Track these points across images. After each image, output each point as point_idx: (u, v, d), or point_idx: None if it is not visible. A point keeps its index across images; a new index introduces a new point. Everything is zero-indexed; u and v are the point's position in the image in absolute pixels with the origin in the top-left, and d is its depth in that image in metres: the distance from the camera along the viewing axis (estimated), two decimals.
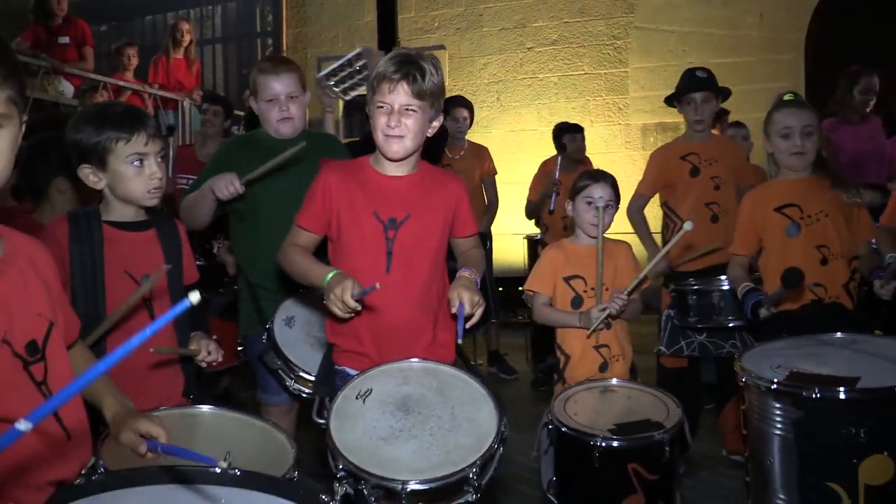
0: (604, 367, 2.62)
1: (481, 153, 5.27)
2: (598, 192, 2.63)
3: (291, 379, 2.56)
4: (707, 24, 7.54)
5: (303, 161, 2.68)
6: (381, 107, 2.01)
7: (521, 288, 6.42)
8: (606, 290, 2.62)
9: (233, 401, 3.86)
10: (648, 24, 7.73)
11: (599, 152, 7.76)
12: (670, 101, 3.72)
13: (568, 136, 5.38)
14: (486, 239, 5.18)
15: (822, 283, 2.65)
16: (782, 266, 2.54)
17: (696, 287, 3.16)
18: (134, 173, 1.91)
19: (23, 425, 0.84)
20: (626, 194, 3.01)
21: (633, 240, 3.19)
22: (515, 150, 7.90)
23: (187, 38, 6.22)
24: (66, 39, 5.42)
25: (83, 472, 1.32)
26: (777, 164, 2.81)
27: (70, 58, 5.46)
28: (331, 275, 1.94)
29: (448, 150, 5.16)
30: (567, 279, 2.67)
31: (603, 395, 2.56)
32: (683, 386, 3.31)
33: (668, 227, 3.64)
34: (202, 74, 6.99)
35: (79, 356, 1.51)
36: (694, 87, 3.55)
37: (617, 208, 2.72)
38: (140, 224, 2.00)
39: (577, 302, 2.65)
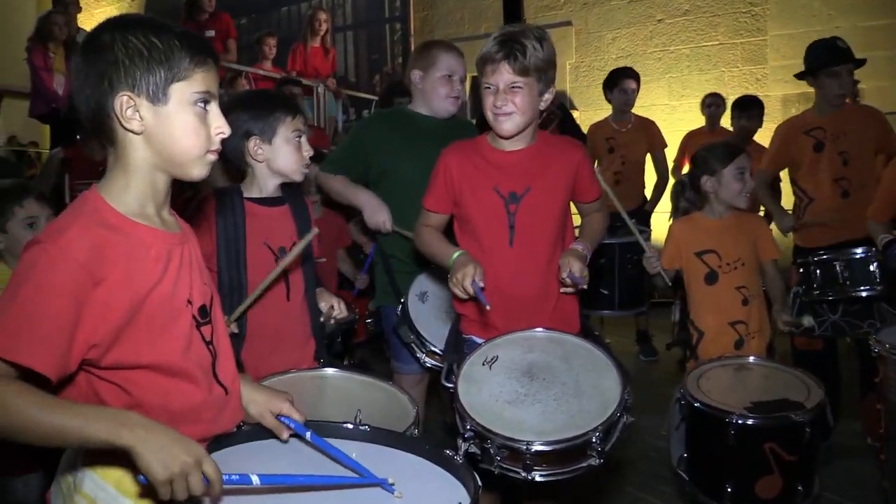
0: (739, 344, 2.55)
1: (649, 127, 5.20)
2: (744, 161, 2.57)
3: (423, 352, 2.66)
4: None
5: (441, 141, 2.78)
6: (488, 87, 2.05)
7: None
8: (742, 264, 2.54)
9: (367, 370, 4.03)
10: None
11: None
12: (804, 75, 3.50)
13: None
14: (645, 215, 5.11)
15: None
16: None
17: (820, 257, 2.99)
18: (294, 148, 2.09)
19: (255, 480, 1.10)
20: None
21: None
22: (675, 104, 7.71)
23: (324, 27, 6.46)
24: (212, 33, 5.78)
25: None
26: None
27: (215, 50, 5.80)
28: (456, 255, 2.03)
29: (614, 122, 5.13)
30: (699, 254, 2.60)
31: (738, 372, 2.49)
32: (819, 369, 3.15)
33: (798, 204, 3.46)
34: (336, 59, 7.23)
35: None
36: (837, 59, 3.33)
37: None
38: (276, 200, 2.16)
39: (711, 277, 2.58)
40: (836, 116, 3.39)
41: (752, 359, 2.51)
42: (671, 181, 5.37)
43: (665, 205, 5.49)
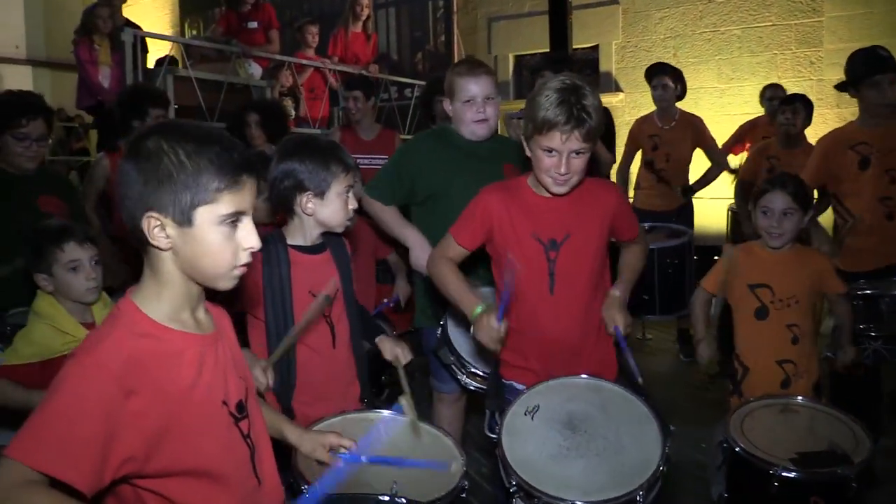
0: (786, 384, 2.49)
1: (695, 123, 5.05)
2: (776, 201, 2.47)
3: (463, 374, 2.66)
4: None
5: (488, 162, 2.75)
6: (550, 151, 1.99)
7: (716, 258, 6.17)
8: (796, 302, 2.47)
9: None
10: None
11: None
12: (845, 87, 3.34)
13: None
14: (689, 213, 5.03)
15: None
16: None
17: (864, 291, 2.89)
18: (343, 204, 2.08)
19: None
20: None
21: None
22: (693, 108, 7.37)
23: (366, 12, 6.38)
24: (254, 24, 5.75)
25: None
26: None
27: (258, 41, 5.80)
28: (479, 310, 2.03)
29: (657, 119, 5.03)
30: (752, 287, 2.53)
31: (783, 413, 2.43)
32: (860, 394, 3.07)
33: (839, 225, 3.34)
34: (378, 44, 7.16)
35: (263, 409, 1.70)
36: (877, 69, 3.17)
37: (805, 213, 2.54)
38: (318, 247, 2.15)
39: (761, 313, 2.52)
40: (885, 131, 3.23)
41: (799, 399, 2.44)
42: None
43: (716, 190, 5.36)
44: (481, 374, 2.58)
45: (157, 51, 6.12)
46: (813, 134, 6.95)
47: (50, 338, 2.17)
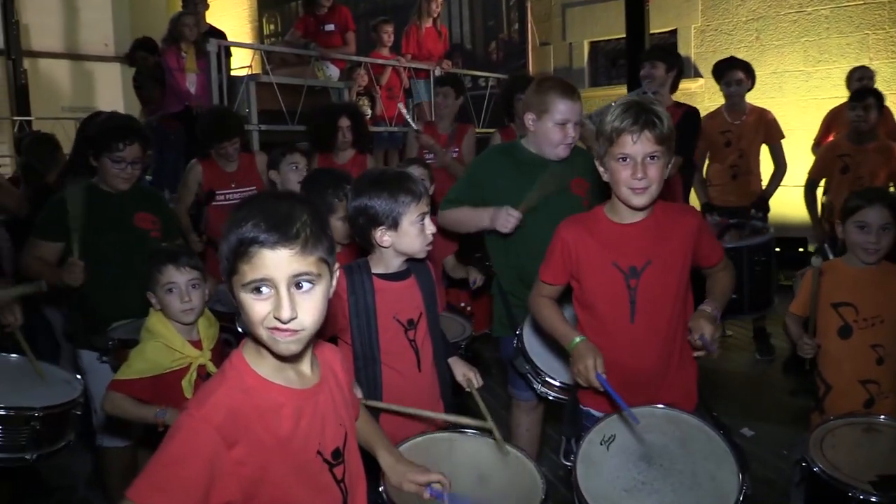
0: (869, 404, 2.45)
1: (765, 117, 4.98)
2: (873, 216, 2.41)
3: (538, 383, 2.71)
4: None
5: (563, 182, 2.79)
6: (624, 159, 2.01)
7: (801, 249, 5.94)
8: (881, 321, 2.42)
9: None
10: None
11: None
12: None
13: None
14: (764, 210, 4.94)
15: None
16: None
17: None
18: (418, 231, 2.13)
19: None
20: None
21: None
22: (776, 93, 7.25)
23: (435, 7, 6.43)
24: (331, 27, 5.89)
25: None
26: None
27: (335, 43, 5.93)
28: (577, 341, 2.07)
29: (727, 114, 4.95)
30: (835, 305, 2.49)
31: (867, 433, 2.39)
32: None
33: None
34: (450, 39, 7.21)
35: (363, 424, 1.78)
36: None
37: None
38: (402, 273, 2.22)
39: (844, 331, 2.47)
40: None
41: (882, 418, 2.39)
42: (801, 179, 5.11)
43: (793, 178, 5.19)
44: (558, 384, 2.63)
45: (239, 55, 6.33)
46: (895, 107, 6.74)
47: (161, 355, 2.34)
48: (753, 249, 4.22)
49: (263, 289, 1.25)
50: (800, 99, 7.18)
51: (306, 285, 1.27)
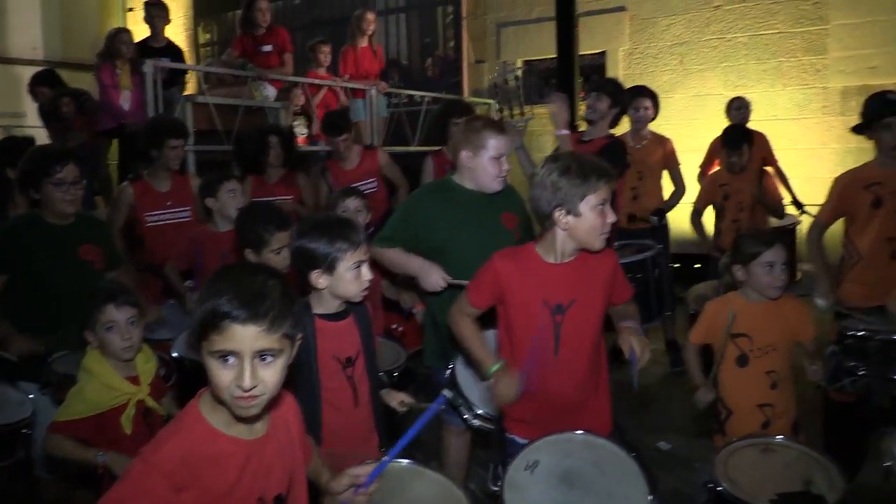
0: (766, 426, 2.67)
1: (664, 143, 5.27)
2: (777, 255, 2.64)
3: (470, 415, 2.86)
4: None
5: (488, 213, 2.94)
6: (602, 205, 2.19)
7: (697, 266, 6.23)
8: (774, 349, 2.65)
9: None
10: None
11: (792, 118, 7.33)
12: (860, 129, 3.48)
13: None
14: (660, 215, 5.21)
15: None
16: None
17: (856, 332, 3.03)
18: (353, 277, 2.24)
19: None
20: (821, 166, 2.68)
21: None
22: (699, 115, 7.60)
23: (371, 27, 6.54)
24: (268, 47, 5.94)
25: None
26: None
27: (272, 64, 5.98)
28: (496, 367, 2.26)
29: (630, 138, 5.20)
30: (733, 336, 2.71)
31: (764, 453, 2.60)
32: (853, 420, 3.23)
33: (846, 260, 3.47)
34: (386, 54, 7.31)
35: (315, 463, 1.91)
36: (890, 111, 3.30)
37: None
38: (342, 314, 2.33)
39: (742, 360, 2.70)
40: None
41: (778, 438, 2.62)
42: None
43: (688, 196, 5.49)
44: (487, 415, 2.78)
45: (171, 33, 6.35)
46: (819, 142, 7.16)
47: (99, 394, 2.38)
48: (628, 267, 4.42)
49: (230, 359, 1.38)
50: (720, 121, 7.52)
51: (269, 358, 1.41)
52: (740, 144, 4.94)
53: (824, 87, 7.25)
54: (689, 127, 7.26)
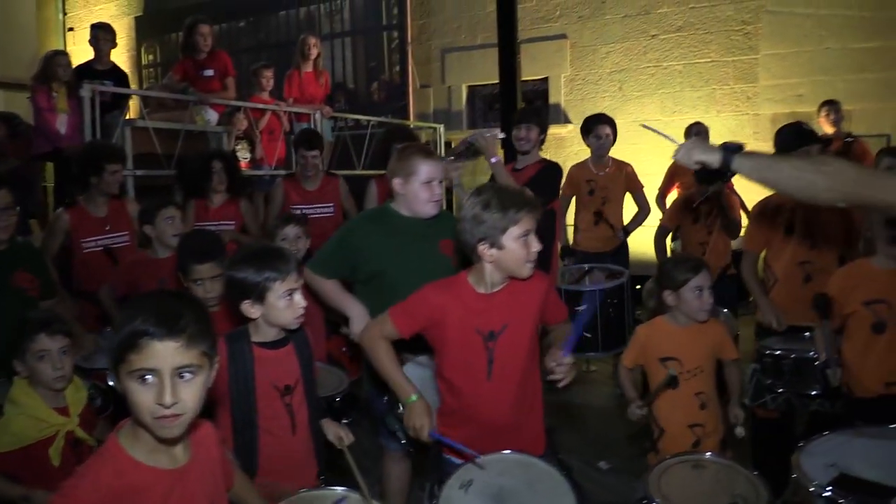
0: (696, 444, 2.75)
1: (625, 169, 5.41)
2: (702, 280, 2.74)
3: (407, 441, 2.87)
4: (848, 5, 7.08)
5: (426, 240, 2.97)
6: (525, 235, 2.23)
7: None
8: (702, 371, 2.75)
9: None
10: (781, 8, 7.35)
11: None
12: None
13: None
14: (624, 254, 5.34)
15: None
16: (865, 360, 2.60)
17: (773, 351, 3.16)
18: (285, 305, 2.25)
19: None
20: (753, 189, 2.77)
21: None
22: (638, 140, 7.71)
23: (314, 51, 6.57)
24: (210, 72, 5.90)
25: None
26: (873, 246, 2.80)
27: (214, 88, 5.95)
28: (413, 399, 2.31)
29: (592, 165, 5.33)
30: (662, 360, 2.80)
31: (695, 469, 2.69)
32: (777, 437, 3.35)
33: (765, 282, 3.62)
34: (332, 78, 7.35)
35: (239, 489, 1.90)
36: (803, 141, 3.46)
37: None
38: (281, 342, 2.34)
39: (672, 383, 2.78)
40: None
41: (708, 455, 2.71)
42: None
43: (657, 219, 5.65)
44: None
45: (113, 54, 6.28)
46: None
47: (27, 427, 2.34)
48: (605, 292, 4.58)
49: (149, 377, 1.39)
50: (658, 147, 7.67)
51: (188, 375, 1.42)
52: (714, 181, 5.01)
53: (755, 113, 7.54)
54: (629, 151, 7.37)
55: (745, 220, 5.88)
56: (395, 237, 2.99)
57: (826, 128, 6.22)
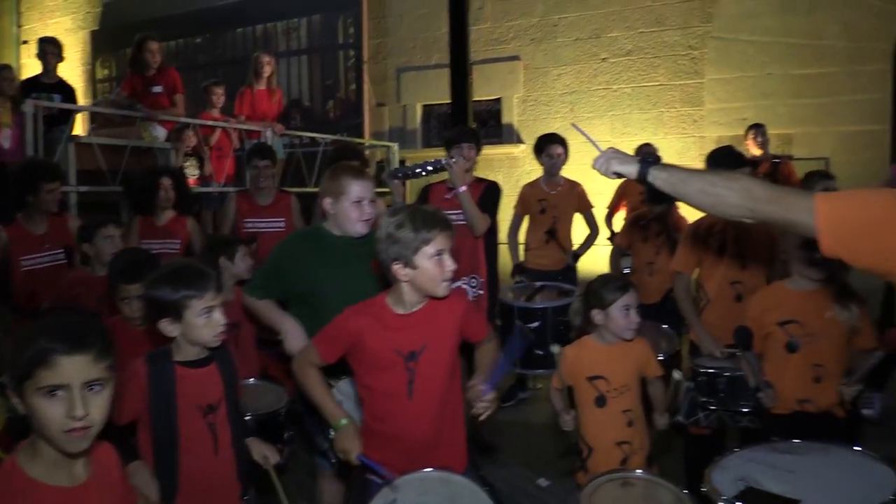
0: (624, 462, 2.81)
1: (576, 188, 5.47)
2: (630, 299, 2.81)
3: (337, 459, 2.88)
4: (789, 33, 7.34)
5: (358, 260, 3.00)
6: (439, 254, 2.25)
7: None
8: (628, 389, 2.81)
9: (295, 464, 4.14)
10: (726, 34, 7.58)
11: None
12: None
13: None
14: (573, 272, 5.41)
15: (811, 400, 2.80)
16: (780, 379, 2.71)
17: (706, 370, 3.23)
18: (204, 323, 2.25)
19: None
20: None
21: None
22: (588, 160, 7.88)
23: (268, 69, 6.59)
24: (159, 88, 5.89)
25: None
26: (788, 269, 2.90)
27: (163, 105, 5.93)
28: (342, 423, 2.33)
29: (544, 184, 5.40)
30: (590, 379, 2.85)
31: (623, 487, 2.75)
32: (709, 453, 3.42)
33: (698, 301, 3.70)
34: (288, 95, 7.36)
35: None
36: (735, 164, 3.56)
37: None
38: (204, 360, 2.34)
39: (600, 401, 2.84)
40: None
41: (637, 472, 2.76)
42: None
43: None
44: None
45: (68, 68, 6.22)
46: None
47: None
48: (556, 310, 4.64)
49: (58, 392, 1.41)
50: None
51: (97, 388, 1.46)
52: (662, 200, 5.13)
53: (701, 136, 7.74)
54: (580, 171, 7.50)
55: None
56: (326, 257, 3.01)
57: (753, 150, 6.40)
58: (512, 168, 8.18)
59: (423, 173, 4.11)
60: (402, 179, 4.38)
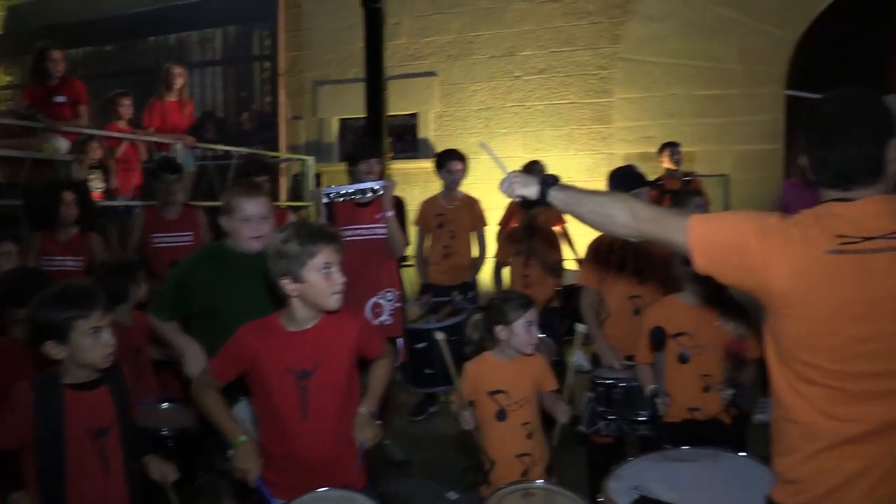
0: (525, 474, 2.89)
1: (473, 205, 5.54)
2: (532, 315, 2.89)
3: (235, 483, 2.86)
4: (691, 56, 7.69)
5: (259, 275, 2.98)
6: (328, 267, 2.29)
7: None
8: (527, 402, 2.90)
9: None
10: (633, 56, 7.88)
11: (582, 181, 7.96)
12: None
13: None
14: (472, 289, 5.46)
15: (700, 408, 2.97)
16: (673, 389, 2.87)
17: (604, 380, 3.36)
18: (92, 344, 2.21)
19: None
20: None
21: None
22: (499, 176, 8.08)
23: (179, 81, 6.47)
24: (62, 98, 5.69)
25: None
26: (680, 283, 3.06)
27: (65, 116, 5.74)
28: (241, 440, 2.33)
29: (443, 199, 5.45)
30: (491, 393, 2.92)
31: (525, 497, 2.82)
32: (610, 461, 3.54)
33: (600, 314, 3.83)
34: (202, 107, 7.22)
35: None
36: (635, 183, 3.72)
37: None
38: (95, 382, 2.29)
39: (501, 415, 2.91)
40: None
41: (537, 483, 2.84)
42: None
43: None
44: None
45: None
46: None
47: None
48: (444, 329, 4.67)
49: None
50: None
51: None
52: (532, 206, 5.28)
53: (610, 153, 8.01)
54: (493, 186, 7.68)
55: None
56: (225, 272, 3.00)
57: (667, 165, 6.69)
58: (428, 182, 8.19)
59: (362, 196, 4.12)
60: (334, 201, 4.22)
